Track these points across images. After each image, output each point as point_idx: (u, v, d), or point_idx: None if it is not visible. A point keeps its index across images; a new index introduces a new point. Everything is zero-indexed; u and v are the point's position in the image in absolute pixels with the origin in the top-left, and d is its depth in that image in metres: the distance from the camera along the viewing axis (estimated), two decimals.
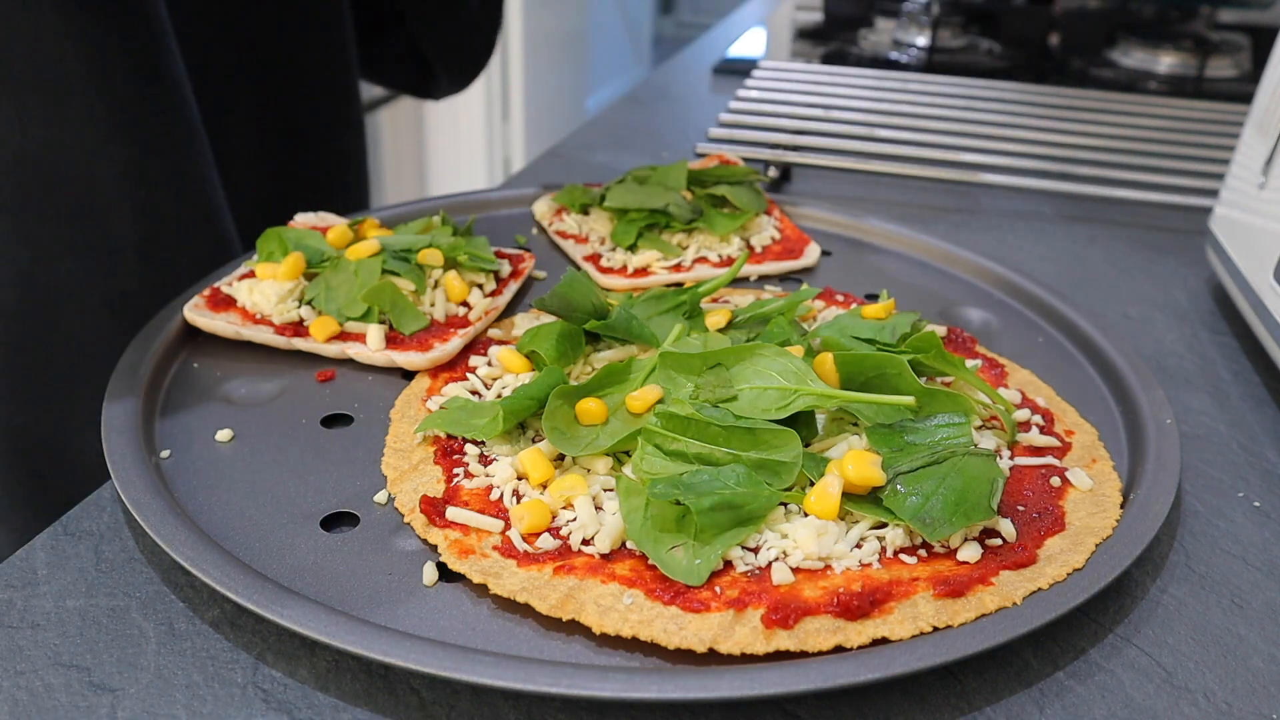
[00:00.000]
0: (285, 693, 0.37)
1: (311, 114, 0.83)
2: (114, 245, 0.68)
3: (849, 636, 0.37)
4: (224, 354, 0.56)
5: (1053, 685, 0.39)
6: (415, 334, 0.56)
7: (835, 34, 1.39)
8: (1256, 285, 0.60)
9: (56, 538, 0.44)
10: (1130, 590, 0.43)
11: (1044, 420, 0.52)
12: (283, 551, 0.42)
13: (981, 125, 0.99)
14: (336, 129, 0.86)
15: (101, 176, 0.66)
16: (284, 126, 0.81)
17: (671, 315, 0.56)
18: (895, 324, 0.54)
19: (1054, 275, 0.73)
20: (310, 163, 0.84)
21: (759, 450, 0.43)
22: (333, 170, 0.87)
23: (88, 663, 0.38)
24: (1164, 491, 0.45)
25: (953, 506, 0.41)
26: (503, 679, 0.35)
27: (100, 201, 0.67)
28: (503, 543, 0.42)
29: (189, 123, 0.70)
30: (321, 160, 0.85)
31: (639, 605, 0.38)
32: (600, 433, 0.46)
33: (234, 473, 0.47)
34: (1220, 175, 0.83)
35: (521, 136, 2.45)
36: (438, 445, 0.48)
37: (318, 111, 0.84)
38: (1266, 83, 0.67)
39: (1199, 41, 1.24)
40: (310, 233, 0.62)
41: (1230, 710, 0.38)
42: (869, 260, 0.71)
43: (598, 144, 0.99)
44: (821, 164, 0.89)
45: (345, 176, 0.88)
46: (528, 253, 0.67)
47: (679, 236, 0.69)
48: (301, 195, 0.79)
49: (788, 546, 0.41)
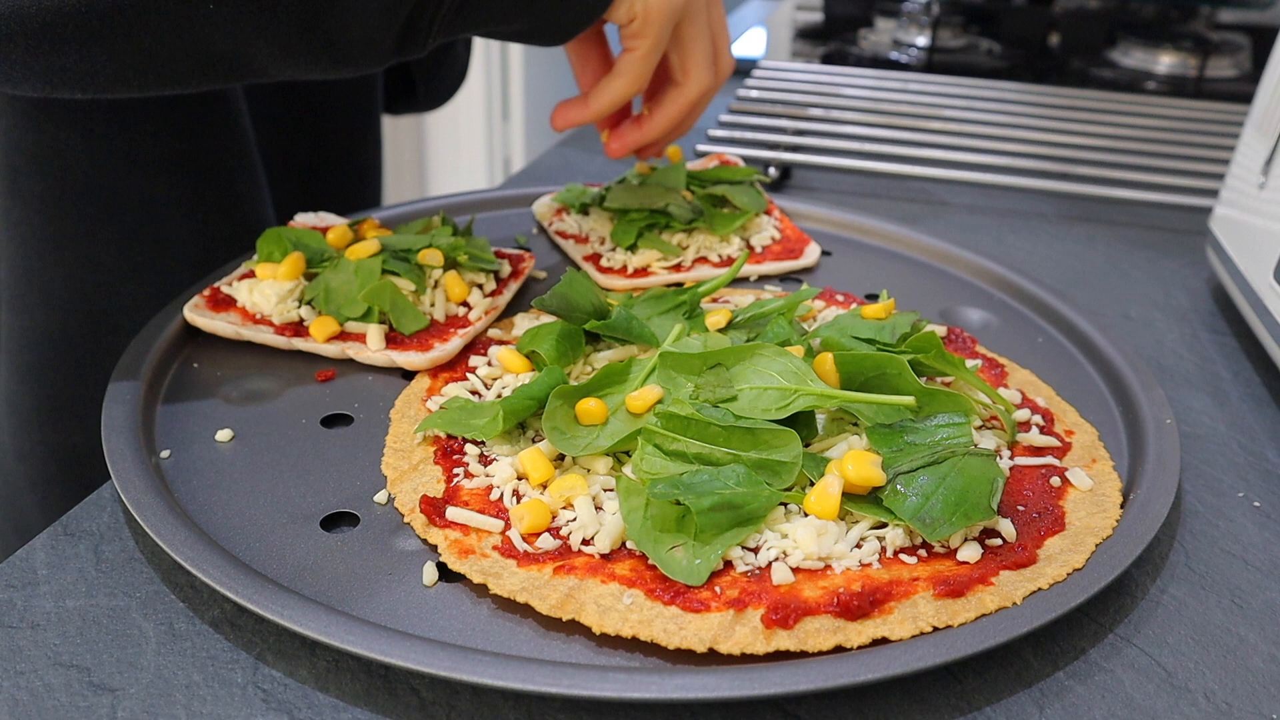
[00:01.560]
0: (285, 693, 0.37)
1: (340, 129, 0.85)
2: (171, 268, 0.69)
3: (849, 636, 0.37)
4: (224, 354, 0.56)
5: (1053, 685, 0.39)
6: (415, 334, 0.56)
7: (835, 34, 1.39)
8: (1256, 285, 0.60)
9: (56, 538, 0.44)
10: (1130, 590, 0.43)
11: (1044, 420, 0.52)
12: (283, 551, 0.42)
13: (981, 125, 0.99)
14: (359, 142, 0.87)
15: (163, 202, 0.68)
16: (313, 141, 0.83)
17: (671, 315, 0.56)
18: (895, 324, 0.54)
19: (1054, 275, 0.73)
20: (334, 175, 0.86)
21: (759, 450, 0.43)
22: (354, 181, 0.88)
23: (88, 663, 0.38)
24: (1164, 491, 0.45)
25: (953, 506, 0.41)
26: (503, 679, 0.35)
27: (161, 227, 0.69)
28: (503, 543, 0.42)
29: (246, 149, 0.72)
30: (344, 172, 0.87)
31: (639, 605, 0.38)
32: (600, 433, 0.46)
33: (234, 473, 0.47)
34: (1220, 175, 0.83)
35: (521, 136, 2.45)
36: (438, 445, 0.48)
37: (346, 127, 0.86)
38: (1266, 83, 0.67)
39: (1199, 41, 1.24)
40: (310, 233, 0.62)
41: (1230, 710, 0.38)
42: (869, 260, 0.71)
43: (598, 144, 0.99)
44: (821, 164, 0.89)
45: (364, 187, 0.89)
46: (528, 253, 0.67)
47: (679, 236, 0.69)
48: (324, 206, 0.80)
49: (788, 546, 0.41)
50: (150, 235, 0.68)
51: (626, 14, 0.58)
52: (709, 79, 0.64)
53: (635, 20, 0.58)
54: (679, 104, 0.65)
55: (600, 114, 0.64)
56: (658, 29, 0.59)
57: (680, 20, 0.61)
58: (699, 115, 0.68)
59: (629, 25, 0.59)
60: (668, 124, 0.67)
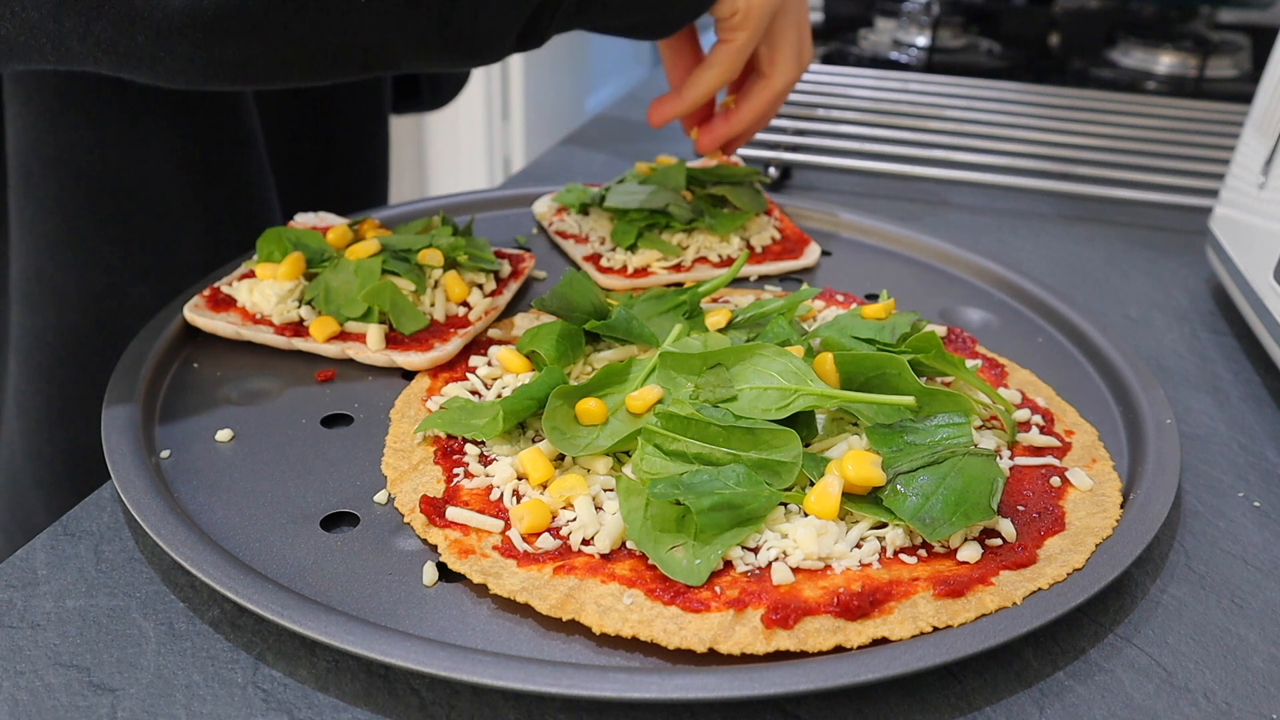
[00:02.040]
0: (285, 693, 0.37)
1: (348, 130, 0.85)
2: (181, 270, 0.70)
3: (849, 636, 0.37)
4: (224, 354, 0.56)
5: (1053, 685, 0.39)
6: (415, 334, 0.56)
7: (835, 34, 1.39)
8: (1256, 285, 0.60)
9: (56, 538, 0.44)
10: (1130, 590, 0.43)
11: (1044, 420, 0.52)
12: (283, 551, 0.42)
13: (981, 125, 0.99)
14: (367, 143, 0.87)
15: (172, 202, 0.69)
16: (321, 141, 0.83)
17: (671, 315, 0.56)
18: (895, 324, 0.54)
19: (1054, 275, 0.73)
20: (342, 175, 0.86)
21: (759, 450, 0.43)
22: (361, 182, 0.88)
23: (88, 663, 0.38)
24: (1164, 491, 0.45)
25: (953, 506, 0.41)
26: (503, 679, 0.35)
27: (170, 227, 0.69)
28: (503, 543, 0.42)
29: (255, 151, 0.73)
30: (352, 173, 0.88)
31: (639, 605, 0.38)
32: (600, 433, 0.46)
33: (234, 473, 0.47)
34: (1220, 175, 0.83)
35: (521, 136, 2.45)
36: (438, 445, 0.48)
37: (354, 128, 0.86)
38: (1266, 83, 0.67)
39: (1199, 41, 1.24)
40: (310, 233, 0.62)
41: (1230, 710, 0.38)
42: (869, 260, 0.71)
43: (598, 144, 0.99)
44: (821, 164, 0.89)
45: (371, 187, 0.90)
46: (528, 253, 0.67)
47: (679, 236, 0.69)
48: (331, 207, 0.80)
49: (788, 546, 0.41)
50: (160, 237, 0.69)
51: (730, 7, 0.60)
52: (794, 71, 0.67)
53: (738, 14, 0.61)
54: (765, 96, 0.67)
55: (694, 104, 0.67)
56: (756, 22, 0.61)
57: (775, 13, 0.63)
58: (780, 106, 0.70)
59: (730, 18, 0.61)
60: (754, 116, 0.69)
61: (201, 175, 0.69)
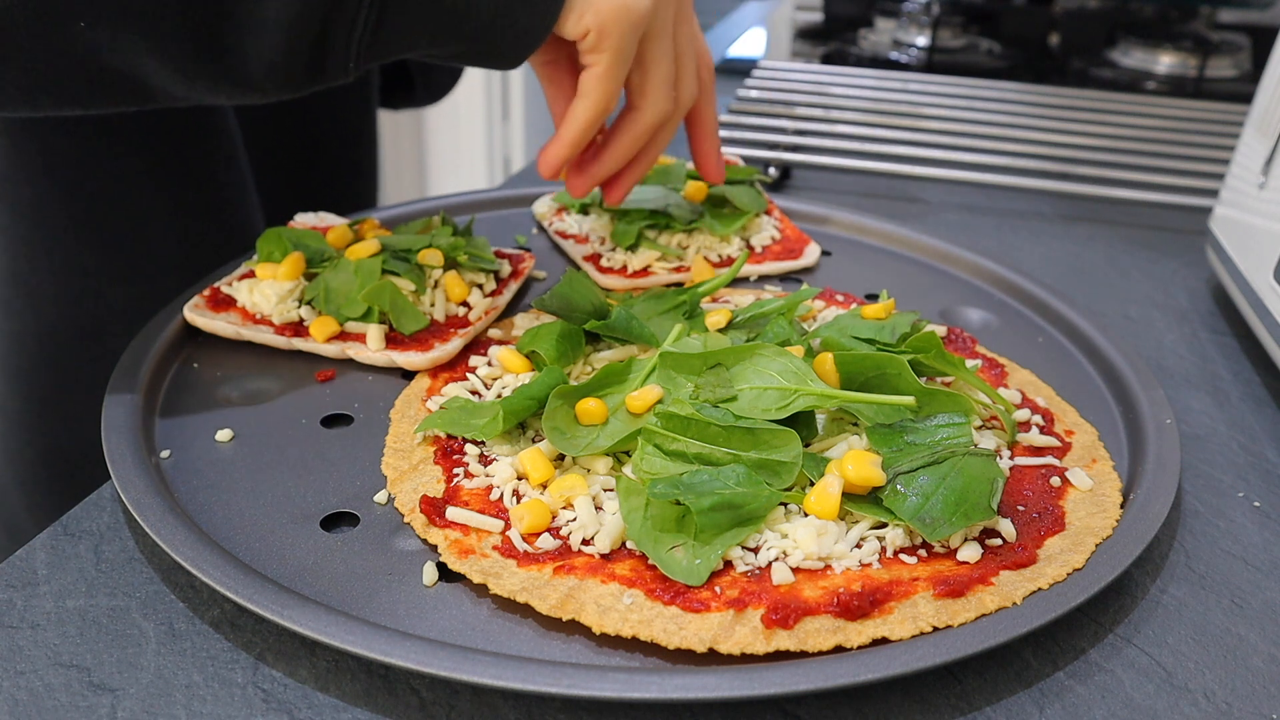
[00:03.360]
0: (285, 693, 0.37)
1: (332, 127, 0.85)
2: (157, 272, 0.69)
3: (849, 636, 0.37)
4: (224, 354, 0.56)
5: (1053, 685, 0.39)
6: (415, 334, 0.56)
7: (835, 34, 1.39)
8: (1256, 285, 0.60)
9: (56, 538, 0.44)
10: (1130, 590, 0.43)
11: (1044, 420, 0.52)
12: (283, 551, 0.42)
13: (981, 125, 0.99)
14: (352, 140, 0.87)
15: (148, 207, 0.69)
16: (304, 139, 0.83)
17: (671, 315, 0.56)
18: (895, 324, 0.54)
19: (1054, 275, 0.73)
20: (327, 174, 0.86)
21: (759, 450, 0.43)
22: (348, 181, 0.88)
23: (88, 663, 0.38)
24: (1164, 491, 0.45)
25: (953, 506, 0.41)
26: (503, 679, 0.35)
27: (146, 231, 0.69)
28: (503, 543, 0.42)
29: (232, 153, 0.73)
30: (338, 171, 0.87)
31: (639, 605, 0.38)
32: (600, 433, 0.46)
33: (234, 473, 0.47)
34: (1220, 175, 0.83)
35: (521, 136, 2.45)
36: (438, 445, 0.48)
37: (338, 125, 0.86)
38: (1266, 83, 0.67)
39: (1199, 41, 1.24)
40: (310, 233, 0.62)
41: (1230, 710, 0.38)
42: (869, 260, 0.71)
43: None
44: (821, 164, 0.89)
45: (358, 186, 0.89)
46: (528, 253, 0.67)
47: (679, 236, 0.69)
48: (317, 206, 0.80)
49: (788, 546, 0.41)
50: (136, 240, 0.69)
51: (577, 28, 0.52)
52: (666, 105, 0.58)
53: (589, 34, 0.52)
54: (634, 131, 0.58)
55: (575, 143, 0.57)
56: (615, 42, 0.53)
57: (644, 36, 0.55)
58: (664, 145, 0.61)
59: (583, 40, 0.53)
60: (623, 153, 0.60)
61: (177, 177, 0.69)
